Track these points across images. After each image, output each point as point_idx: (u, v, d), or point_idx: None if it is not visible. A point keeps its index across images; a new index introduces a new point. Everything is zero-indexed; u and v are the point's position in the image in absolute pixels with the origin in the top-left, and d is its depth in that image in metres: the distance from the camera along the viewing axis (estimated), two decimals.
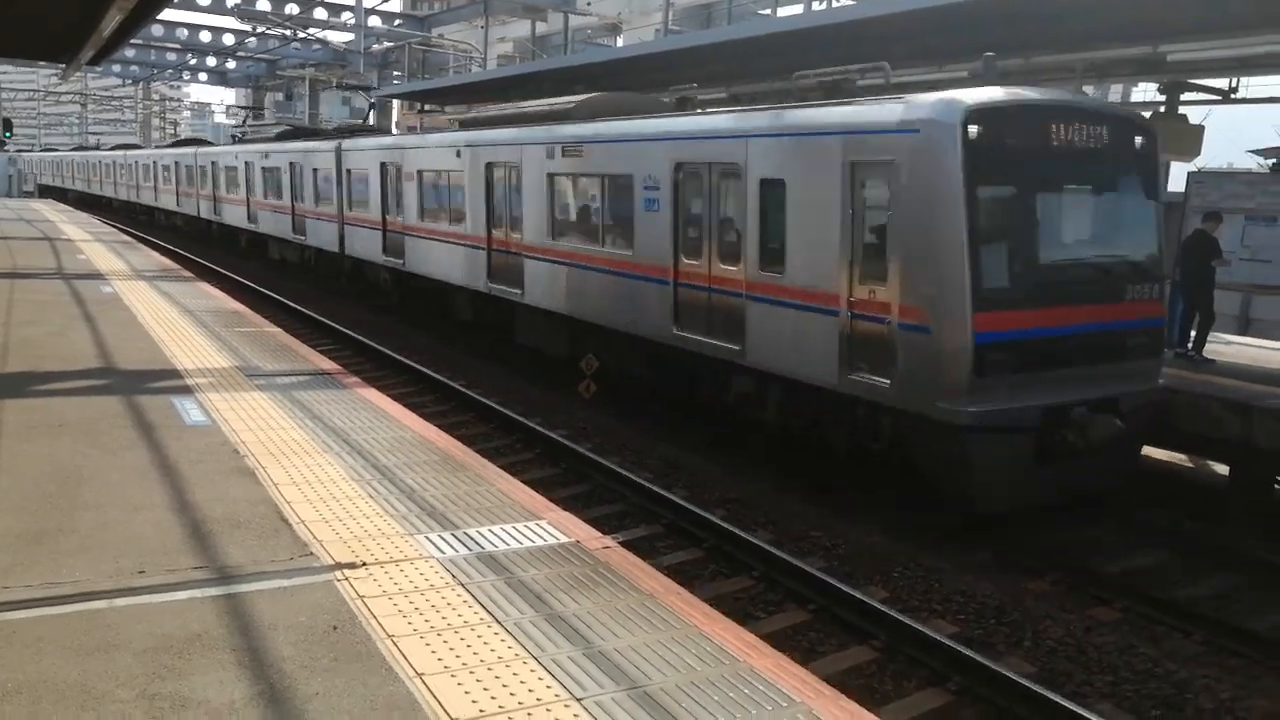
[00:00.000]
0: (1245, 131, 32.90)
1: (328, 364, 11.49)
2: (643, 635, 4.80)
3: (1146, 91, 21.05)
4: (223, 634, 4.67)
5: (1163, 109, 14.26)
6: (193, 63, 46.95)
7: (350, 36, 41.17)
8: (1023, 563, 8.91)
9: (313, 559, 5.60)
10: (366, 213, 21.48)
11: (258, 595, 5.11)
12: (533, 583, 5.38)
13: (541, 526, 6.25)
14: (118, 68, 47.45)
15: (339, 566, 5.50)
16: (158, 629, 4.71)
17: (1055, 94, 10.49)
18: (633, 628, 4.88)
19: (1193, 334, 12.40)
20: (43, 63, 33.22)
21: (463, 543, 5.91)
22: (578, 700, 4.18)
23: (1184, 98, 14.28)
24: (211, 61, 47.09)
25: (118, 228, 36.46)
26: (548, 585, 5.35)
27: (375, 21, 40.78)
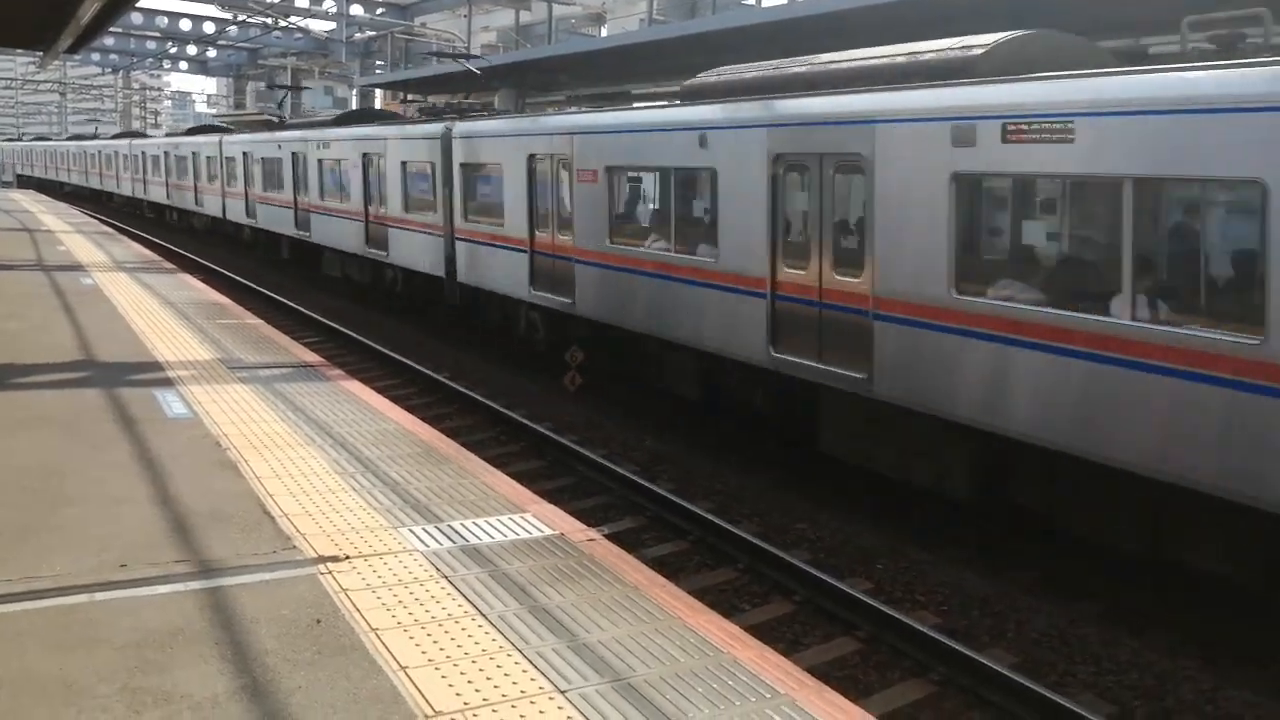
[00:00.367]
0: None
1: (311, 356, 11.44)
2: (627, 627, 4.81)
3: None
4: (205, 628, 4.65)
5: None
6: (173, 51, 46.62)
7: (332, 25, 40.97)
8: (1007, 555, 8.95)
9: (295, 552, 5.58)
10: (498, 225, 15.22)
11: (240, 589, 5.09)
12: (517, 575, 5.37)
13: (526, 519, 6.24)
14: (97, 56, 47.05)
15: (322, 560, 5.48)
16: (140, 623, 4.68)
17: None
18: (617, 620, 4.88)
19: None
20: (20, 51, 32.91)
21: (446, 536, 5.90)
22: (562, 693, 4.18)
23: None
24: (192, 50, 46.77)
25: (98, 219, 36.19)
26: (532, 578, 5.35)
27: (357, 10, 40.61)
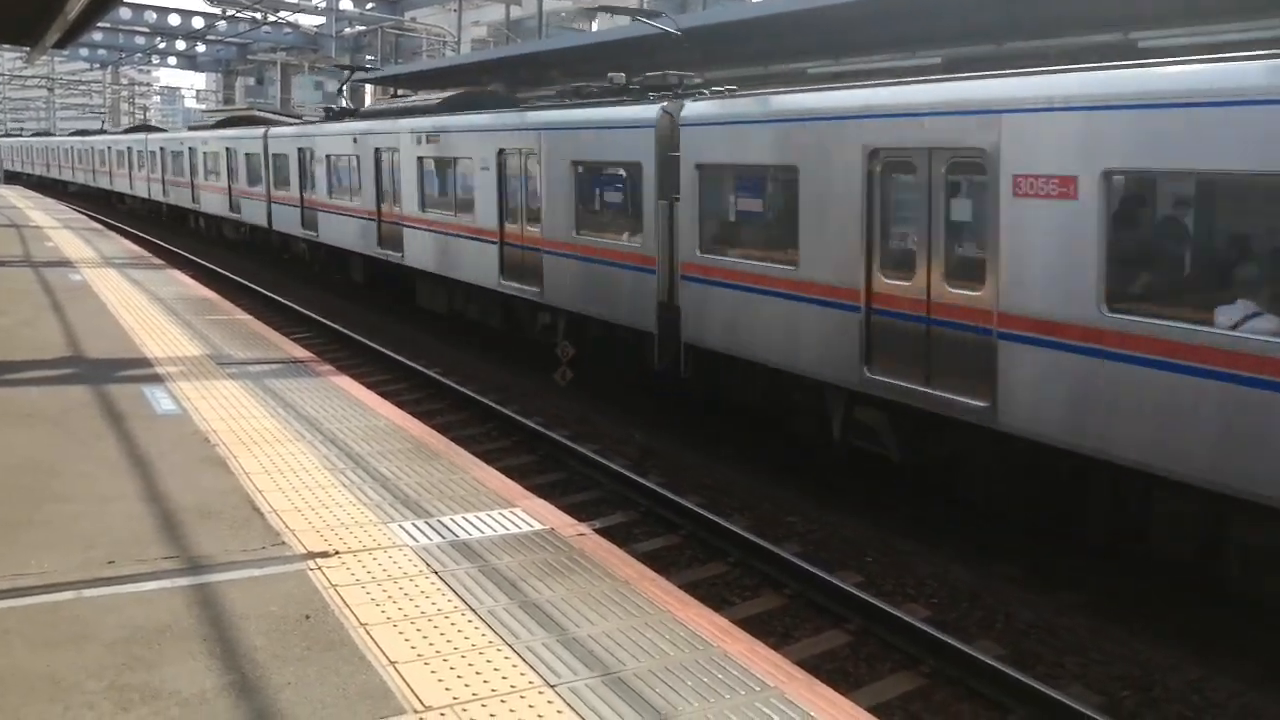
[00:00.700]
0: None
1: (300, 351, 11.41)
2: (617, 621, 4.81)
3: None
4: (193, 624, 4.64)
5: None
6: (162, 46, 46.41)
7: (321, 20, 40.84)
8: (997, 547, 8.98)
9: (285, 548, 5.56)
10: (772, 259, 10.36)
11: (229, 585, 5.07)
12: (507, 570, 5.37)
13: (516, 514, 6.24)
14: (85, 51, 46.83)
15: (311, 555, 5.47)
16: (128, 620, 4.67)
17: None
18: (607, 614, 4.88)
19: None
20: (6, 46, 32.72)
21: (436, 531, 5.90)
22: (552, 687, 4.19)
23: None
24: (181, 45, 46.57)
25: (86, 214, 36.02)
26: (522, 573, 5.35)
27: (347, 4, 40.48)
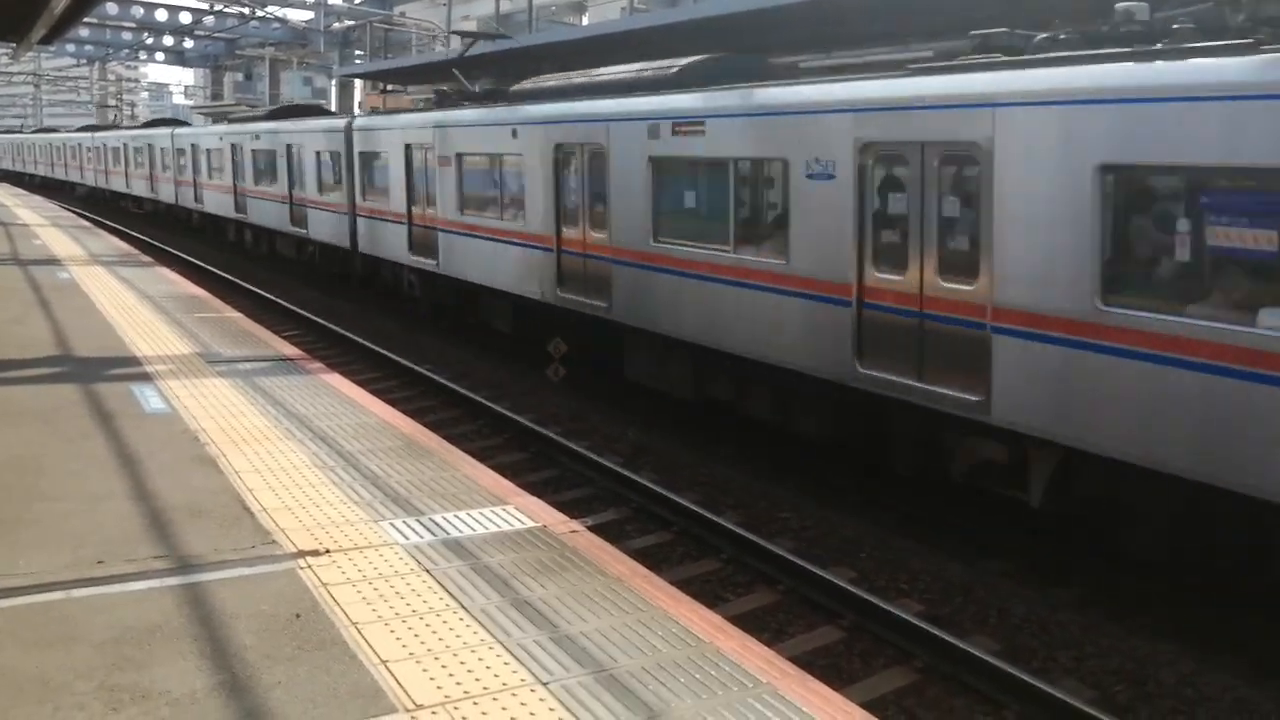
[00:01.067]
0: None
1: (290, 349, 11.36)
2: (609, 619, 4.79)
3: None
4: (183, 624, 4.61)
5: None
6: (149, 42, 46.13)
7: (310, 15, 40.63)
8: (989, 543, 8.98)
9: (275, 547, 5.54)
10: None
11: (219, 584, 5.05)
12: (499, 568, 5.35)
13: (508, 511, 6.21)
14: (72, 47, 46.50)
15: (302, 554, 5.44)
16: (117, 620, 4.64)
17: None
18: (599, 611, 4.87)
19: None
20: None
21: (428, 529, 5.87)
22: (544, 685, 4.17)
23: None
24: (169, 41, 46.29)
25: (75, 212, 35.84)
26: (514, 570, 5.32)
27: None
